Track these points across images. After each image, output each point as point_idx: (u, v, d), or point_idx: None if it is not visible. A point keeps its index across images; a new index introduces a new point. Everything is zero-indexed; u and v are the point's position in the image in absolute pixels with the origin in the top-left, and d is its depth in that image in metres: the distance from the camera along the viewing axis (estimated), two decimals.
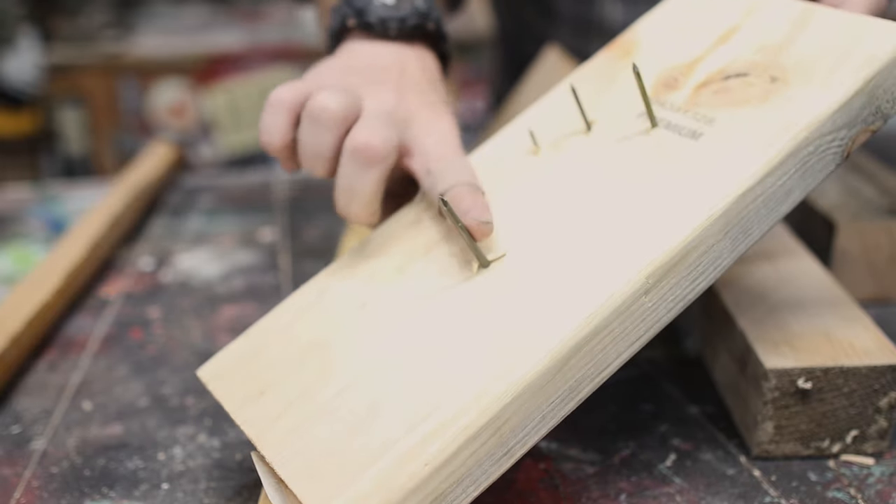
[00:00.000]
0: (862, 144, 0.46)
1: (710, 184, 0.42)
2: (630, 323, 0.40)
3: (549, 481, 0.47)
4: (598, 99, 0.52)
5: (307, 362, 0.45)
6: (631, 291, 0.40)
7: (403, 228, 0.50)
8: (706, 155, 0.44)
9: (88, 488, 0.48)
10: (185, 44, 1.94)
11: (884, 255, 0.63)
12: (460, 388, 0.39)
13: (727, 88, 0.47)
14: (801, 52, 0.46)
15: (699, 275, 0.42)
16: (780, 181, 0.43)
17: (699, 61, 0.50)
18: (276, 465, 0.40)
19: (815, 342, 0.49)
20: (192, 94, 1.88)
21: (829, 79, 0.44)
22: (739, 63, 0.48)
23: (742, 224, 0.42)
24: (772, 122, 0.44)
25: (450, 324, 0.43)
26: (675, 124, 0.47)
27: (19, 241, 0.83)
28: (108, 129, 1.91)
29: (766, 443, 0.48)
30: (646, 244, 0.41)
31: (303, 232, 0.83)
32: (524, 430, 0.39)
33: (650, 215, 0.43)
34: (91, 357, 0.62)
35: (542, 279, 0.42)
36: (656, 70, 0.51)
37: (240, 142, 1.88)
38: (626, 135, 0.48)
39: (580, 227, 0.44)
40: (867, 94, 0.44)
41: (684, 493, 0.46)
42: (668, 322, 0.42)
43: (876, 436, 0.48)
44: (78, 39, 1.95)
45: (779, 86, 0.45)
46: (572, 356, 0.39)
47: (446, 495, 0.37)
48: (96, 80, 1.89)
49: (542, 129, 0.52)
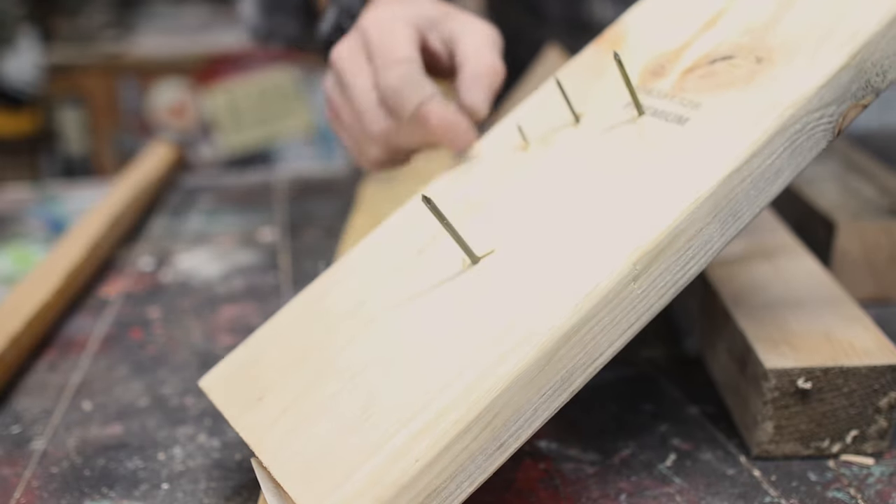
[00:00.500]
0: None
1: (697, 167, 0.42)
2: (620, 311, 0.40)
3: (548, 481, 0.47)
4: (586, 92, 0.52)
5: (305, 365, 0.45)
6: (618, 279, 0.39)
7: (400, 228, 0.50)
8: (692, 139, 0.44)
9: (88, 488, 0.48)
10: (186, 44, 1.95)
11: (884, 255, 0.63)
12: (451, 384, 0.39)
13: (713, 72, 0.47)
14: (786, 32, 0.46)
15: (689, 259, 0.41)
16: (769, 161, 0.42)
17: (686, 47, 0.50)
18: (272, 468, 0.40)
19: (815, 342, 0.49)
20: (192, 94, 1.89)
21: (814, 56, 0.44)
22: (726, 46, 0.48)
23: (731, 207, 0.42)
24: (757, 103, 0.43)
25: (441, 320, 0.43)
26: (661, 111, 0.47)
27: (19, 241, 0.84)
28: (108, 129, 1.91)
29: (765, 443, 0.48)
30: (633, 231, 0.41)
31: (303, 232, 0.83)
32: (516, 424, 0.39)
33: (637, 202, 0.42)
34: (91, 357, 0.62)
35: (530, 272, 0.42)
36: (644, 59, 0.51)
37: (240, 142, 1.88)
38: (612, 125, 0.48)
39: (568, 219, 0.44)
40: (855, 69, 0.43)
41: (684, 493, 0.46)
42: (661, 309, 0.42)
43: (876, 436, 0.48)
44: (78, 39, 1.95)
45: (764, 66, 0.45)
46: (561, 347, 0.39)
47: (440, 491, 0.37)
48: (96, 80, 1.90)
49: (530, 124, 0.52)
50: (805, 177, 0.71)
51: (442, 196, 0.51)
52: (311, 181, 0.97)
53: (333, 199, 0.91)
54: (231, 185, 0.98)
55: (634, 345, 0.60)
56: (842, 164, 0.73)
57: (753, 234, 0.62)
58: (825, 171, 0.72)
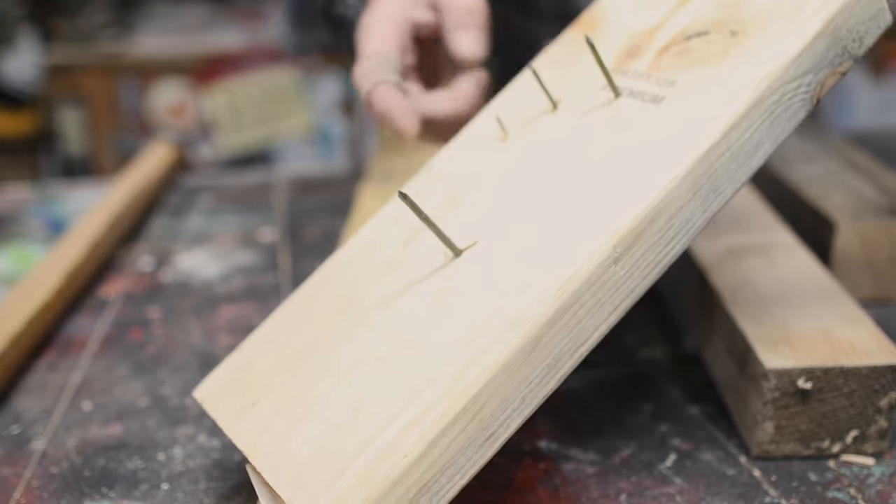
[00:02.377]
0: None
1: (673, 145, 0.42)
2: (603, 294, 0.40)
3: (548, 481, 0.47)
4: (564, 77, 0.51)
5: (298, 367, 0.45)
6: (599, 262, 0.39)
7: (386, 225, 0.50)
8: (669, 118, 0.44)
9: (88, 488, 0.48)
10: (185, 44, 1.94)
11: (884, 255, 0.63)
12: (437, 377, 0.39)
13: (688, 49, 0.47)
14: (759, 3, 0.46)
15: (672, 238, 0.41)
16: (747, 134, 0.42)
17: (660, 27, 0.49)
18: (264, 472, 0.40)
19: (814, 342, 0.48)
20: (192, 94, 1.89)
21: (787, 25, 0.43)
22: (700, 22, 0.48)
23: (711, 182, 0.42)
24: (733, 77, 0.43)
25: (426, 315, 0.43)
26: (637, 91, 0.46)
27: (19, 241, 0.84)
28: (108, 129, 1.91)
29: (766, 443, 0.48)
30: (611, 213, 0.41)
31: (303, 232, 0.83)
32: (504, 413, 0.39)
33: (615, 184, 0.42)
34: (91, 357, 0.62)
35: (511, 262, 0.42)
36: (620, 40, 0.51)
37: (240, 142, 1.88)
38: (589, 109, 0.48)
39: (548, 207, 0.44)
40: (830, 36, 0.43)
41: (684, 494, 0.46)
42: (646, 289, 0.41)
43: (876, 436, 0.48)
44: (78, 39, 1.95)
45: (739, 39, 0.45)
46: (545, 334, 0.39)
47: (431, 485, 0.37)
48: (96, 80, 1.89)
49: (509, 114, 0.52)
50: (805, 177, 0.71)
51: (424, 192, 0.51)
52: (311, 181, 0.97)
53: (333, 199, 0.91)
54: (231, 185, 0.98)
55: (634, 345, 0.61)
56: (842, 164, 0.73)
57: (753, 233, 0.62)
58: (825, 171, 0.72)
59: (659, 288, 0.68)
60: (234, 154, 1.99)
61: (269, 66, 1.80)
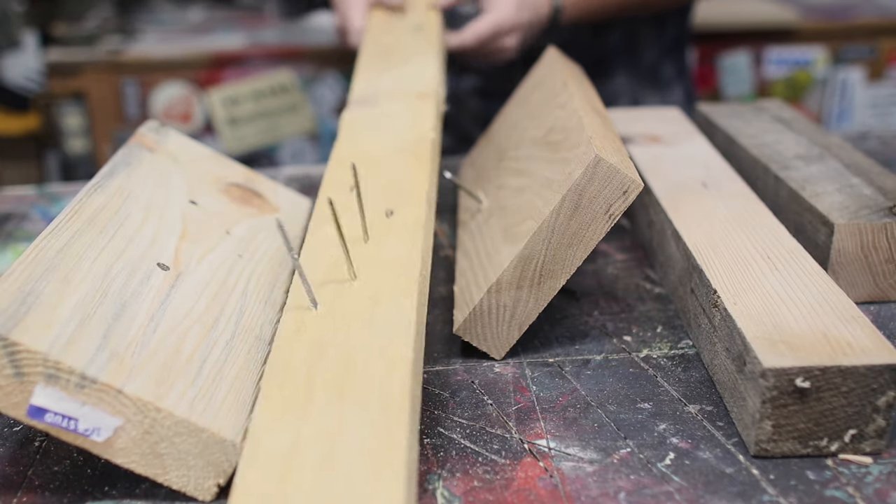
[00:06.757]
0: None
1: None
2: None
3: (548, 480, 0.48)
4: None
5: None
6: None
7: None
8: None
9: (90, 487, 0.48)
10: (187, 45, 1.94)
11: (882, 255, 0.64)
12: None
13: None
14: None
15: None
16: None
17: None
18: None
19: (813, 341, 0.49)
20: (194, 95, 1.89)
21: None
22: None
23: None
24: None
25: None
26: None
27: (20, 240, 0.84)
28: (110, 129, 1.91)
29: (764, 441, 0.48)
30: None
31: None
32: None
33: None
34: None
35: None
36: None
37: (241, 142, 1.88)
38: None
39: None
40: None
41: (683, 492, 0.46)
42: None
43: (874, 435, 0.48)
44: (80, 40, 1.95)
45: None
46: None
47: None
48: (98, 80, 1.89)
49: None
50: (804, 177, 0.71)
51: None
52: (311, 181, 0.98)
53: None
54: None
55: (634, 344, 0.61)
56: (841, 164, 0.73)
57: (753, 233, 0.62)
58: (825, 171, 0.72)
59: (659, 289, 0.68)
60: (235, 154, 1.99)
61: (269, 67, 1.80)
